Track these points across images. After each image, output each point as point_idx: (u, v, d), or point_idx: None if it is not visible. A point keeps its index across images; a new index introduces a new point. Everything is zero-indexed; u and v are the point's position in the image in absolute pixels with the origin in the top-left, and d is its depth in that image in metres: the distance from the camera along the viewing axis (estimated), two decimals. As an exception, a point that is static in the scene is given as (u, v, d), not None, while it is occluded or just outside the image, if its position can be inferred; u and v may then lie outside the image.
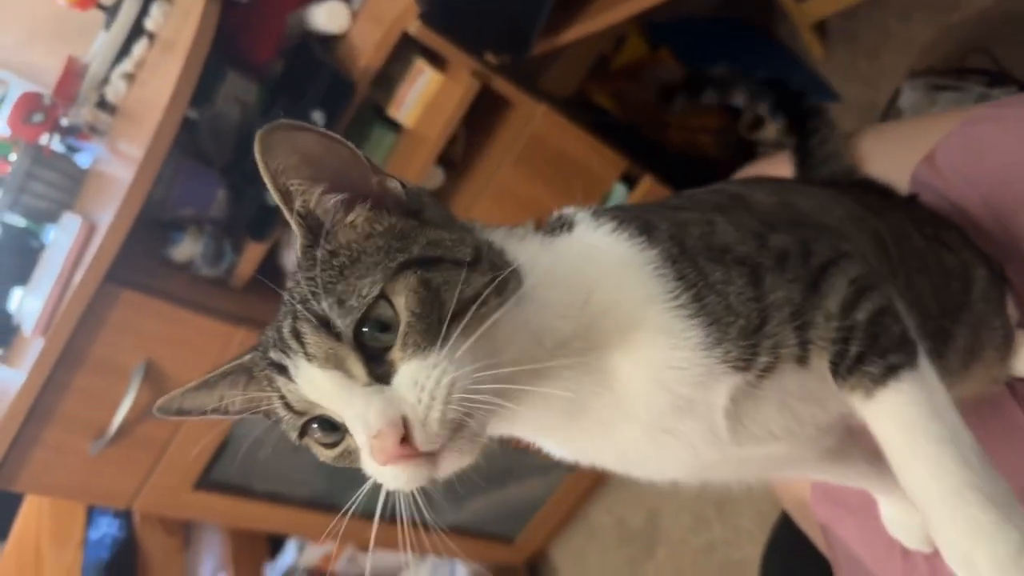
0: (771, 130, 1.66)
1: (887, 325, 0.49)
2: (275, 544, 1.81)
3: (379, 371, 0.45)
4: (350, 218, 0.49)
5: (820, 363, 0.50)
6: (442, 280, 0.46)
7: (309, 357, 0.46)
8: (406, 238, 0.48)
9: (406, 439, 0.43)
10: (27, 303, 1.33)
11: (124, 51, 1.41)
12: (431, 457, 0.45)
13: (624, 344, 0.49)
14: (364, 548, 1.75)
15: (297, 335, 0.46)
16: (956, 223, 0.75)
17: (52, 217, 1.37)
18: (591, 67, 1.67)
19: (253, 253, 1.34)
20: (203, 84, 1.21)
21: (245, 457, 1.44)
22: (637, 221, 0.52)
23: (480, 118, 1.35)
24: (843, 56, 1.83)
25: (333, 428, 0.48)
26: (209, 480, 1.44)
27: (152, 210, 1.24)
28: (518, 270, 0.49)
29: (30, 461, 1.25)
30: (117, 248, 1.15)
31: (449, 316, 0.45)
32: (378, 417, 0.43)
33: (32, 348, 1.21)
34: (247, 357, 0.53)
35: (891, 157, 0.87)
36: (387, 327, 0.45)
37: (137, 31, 1.39)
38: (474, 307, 0.45)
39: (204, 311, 1.28)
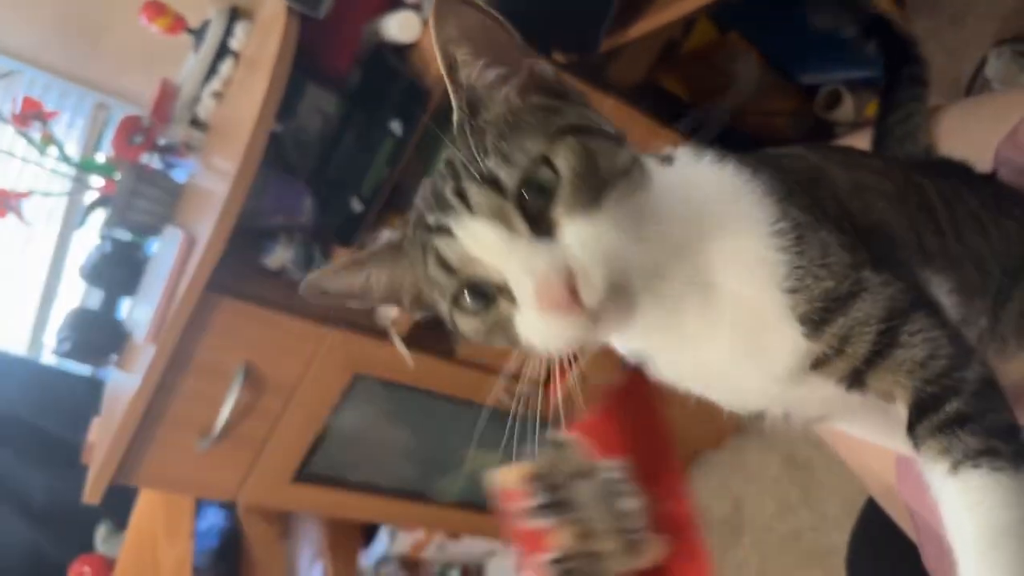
0: (848, 108, 1.62)
1: (997, 400, 0.45)
2: (369, 533, 1.89)
3: (541, 228, 0.47)
4: (505, 91, 0.51)
5: (879, 387, 0.49)
6: (597, 147, 0.48)
7: (474, 212, 0.47)
8: (558, 112, 0.51)
9: (571, 290, 0.45)
10: (136, 312, 1.43)
11: (212, 71, 1.49)
12: (592, 315, 0.46)
13: (723, 263, 0.51)
14: (453, 536, 1.81)
15: (461, 194, 0.48)
16: None
17: (154, 231, 1.47)
18: (660, 53, 1.66)
19: (341, 258, 1.40)
20: (285, 98, 1.27)
21: (340, 450, 1.51)
22: (738, 159, 0.55)
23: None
24: (924, 24, 1.76)
25: (484, 297, 0.50)
26: (306, 473, 1.51)
27: (245, 220, 1.31)
28: (645, 167, 0.51)
29: (145, 458, 1.35)
30: (217, 258, 1.22)
31: (606, 182, 0.47)
32: (546, 264, 0.45)
33: (144, 354, 1.30)
34: (395, 236, 0.56)
35: (974, 134, 0.85)
36: (544, 189, 0.47)
37: (223, 51, 1.47)
38: (626, 178, 0.48)
39: (297, 314, 1.35)
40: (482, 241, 0.47)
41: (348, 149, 1.30)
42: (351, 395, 1.45)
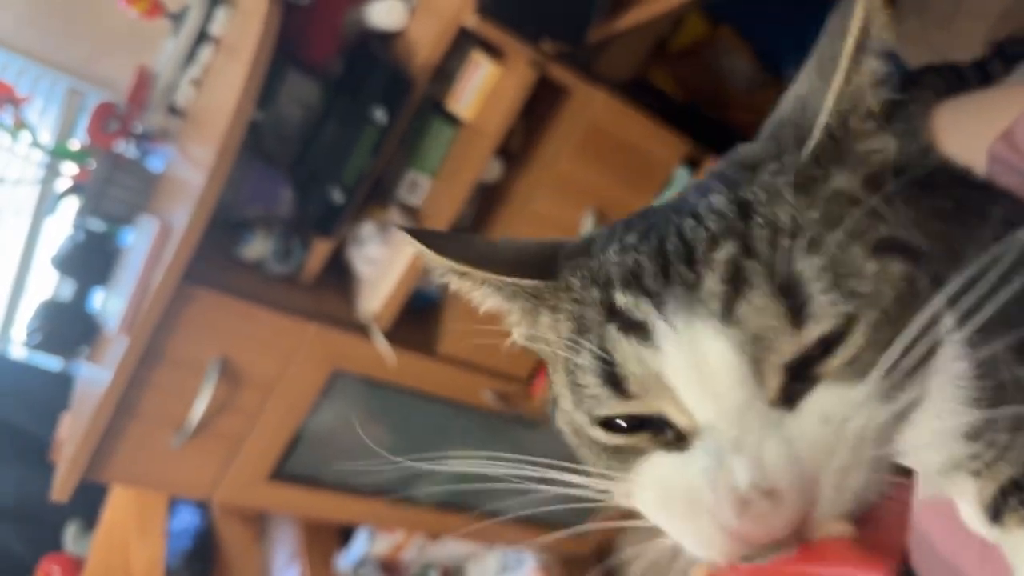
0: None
1: None
2: (346, 534, 1.85)
3: (791, 387, 0.30)
4: (878, 155, 0.34)
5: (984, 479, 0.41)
6: (924, 288, 0.31)
7: (732, 321, 0.30)
8: (890, 222, 0.33)
9: (797, 523, 0.29)
10: (109, 303, 1.38)
11: (191, 57, 1.45)
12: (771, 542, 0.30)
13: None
14: (433, 537, 1.78)
15: (737, 281, 0.30)
16: None
17: (129, 220, 1.43)
18: (650, 48, 1.64)
19: (321, 249, 1.37)
20: (265, 85, 1.23)
21: (319, 448, 1.48)
22: None
23: (538, 108, 1.34)
24: (913, 24, 1.76)
25: (640, 423, 0.34)
26: (283, 471, 1.48)
27: (222, 211, 1.27)
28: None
29: (116, 454, 1.31)
30: (193, 249, 1.18)
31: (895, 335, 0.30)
32: (785, 465, 0.29)
33: (116, 346, 1.26)
34: (529, 284, 0.38)
35: (968, 133, 0.84)
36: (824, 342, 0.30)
37: (203, 37, 1.43)
38: (923, 326, 0.30)
39: (276, 307, 1.31)
40: (703, 372, 0.30)
41: (329, 138, 1.27)
42: (330, 392, 1.42)
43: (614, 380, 0.33)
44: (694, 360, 0.30)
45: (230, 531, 1.81)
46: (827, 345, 0.30)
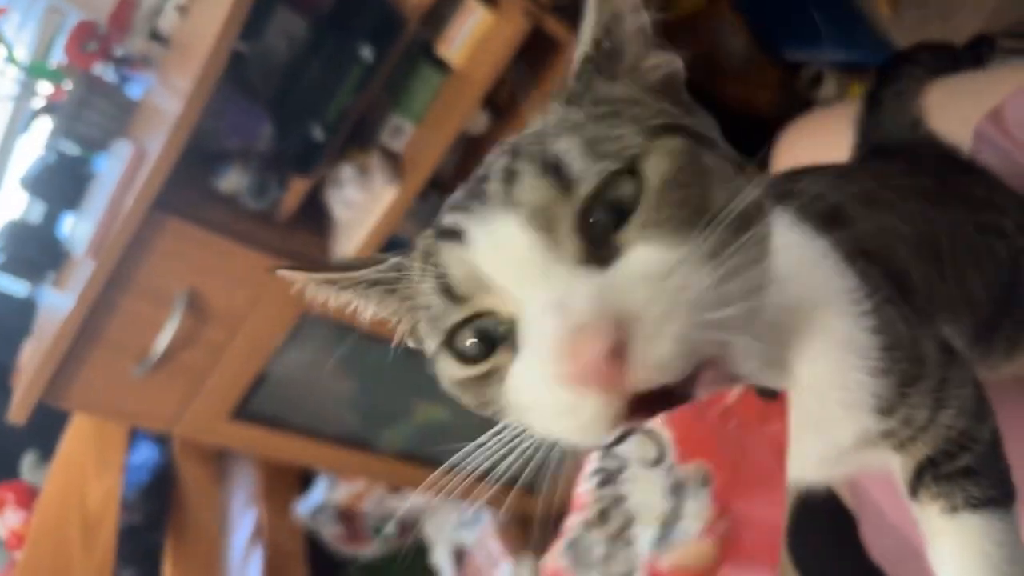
0: (830, 89, 1.60)
1: (1001, 454, 0.46)
2: (306, 481, 1.85)
3: (598, 252, 0.33)
4: (645, 62, 0.40)
5: (904, 454, 0.46)
6: (713, 164, 0.36)
7: (513, 205, 0.34)
8: (673, 114, 0.39)
9: (617, 354, 0.30)
10: (78, 229, 1.36)
11: (178, -18, 1.41)
12: (632, 399, 0.32)
13: (808, 341, 0.42)
14: (393, 489, 1.79)
15: (510, 176, 0.35)
16: (1019, 197, 0.71)
17: (102, 145, 1.39)
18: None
19: (298, 188, 1.35)
20: (253, 18, 1.20)
21: (283, 390, 1.47)
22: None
23: (530, 61, 1.32)
24: (912, 16, 1.75)
25: (489, 343, 0.37)
26: (246, 411, 1.47)
27: (200, 141, 1.25)
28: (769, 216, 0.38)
29: (77, 379, 1.29)
30: (166, 175, 1.16)
31: (706, 212, 0.34)
32: (589, 303, 0.31)
33: (81, 270, 1.24)
34: (393, 260, 0.42)
35: (957, 111, 0.84)
36: (619, 210, 0.34)
37: (191, -38, 1.39)
38: (734, 212, 0.34)
39: (248, 243, 1.30)
40: (505, 252, 0.34)
41: (314, 73, 1.25)
42: (298, 333, 1.40)
43: (447, 289, 0.37)
44: (495, 245, 0.34)
45: (189, 469, 1.80)
46: (619, 210, 0.34)
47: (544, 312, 0.32)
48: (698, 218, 0.33)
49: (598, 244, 0.34)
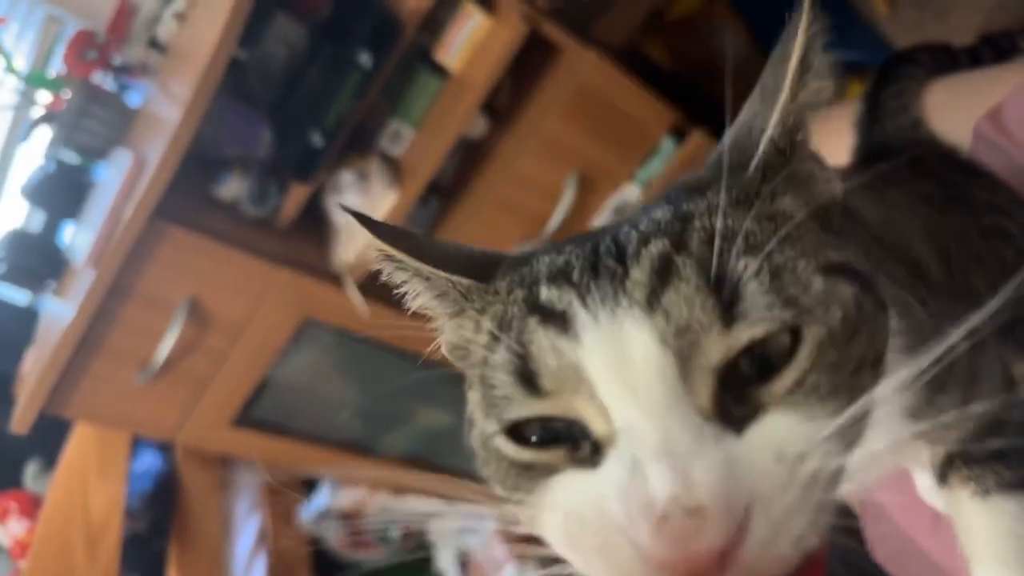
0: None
1: None
2: (309, 487, 1.85)
3: (731, 408, 0.28)
4: (821, 176, 0.34)
5: (935, 445, 0.45)
6: (871, 312, 0.30)
7: (655, 311, 0.28)
8: (837, 247, 0.33)
9: (729, 552, 0.25)
10: (79, 238, 1.36)
11: (176, -10, 1.41)
12: None
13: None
14: (397, 493, 1.78)
15: (664, 272, 0.29)
16: (1020, 198, 0.71)
17: (102, 153, 1.40)
18: (644, 19, 1.62)
19: (297, 194, 1.35)
20: (251, 25, 1.20)
21: (285, 396, 1.47)
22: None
23: (528, 66, 1.32)
24: (910, 14, 1.75)
25: (552, 436, 0.31)
26: (248, 417, 1.47)
27: (199, 149, 1.25)
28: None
29: (79, 388, 1.29)
30: (166, 183, 1.16)
31: (854, 372, 0.29)
32: (715, 481, 0.25)
33: (82, 279, 1.24)
34: (467, 283, 0.36)
35: (957, 112, 0.83)
36: (765, 361, 0.28)
37: (189, -30, 1.39)
38: (873, 371, 0.29)
39: (248, 250, 1.29)
40: (626, 365, 0.28)
41: (313, 80, 1.25)
42: (299, 340, 1.40)
43: (527, 375, 0.30)
44: (615, 351, 0.28)
45: (192, 476, 1.80)
46: (768, 368, 0.28)
47: (657, 464, 0.26)
48: (847, 385, 0.29)
49: (735, 398, 0.28)
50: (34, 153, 1.51)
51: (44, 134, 1.45)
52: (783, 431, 0.27)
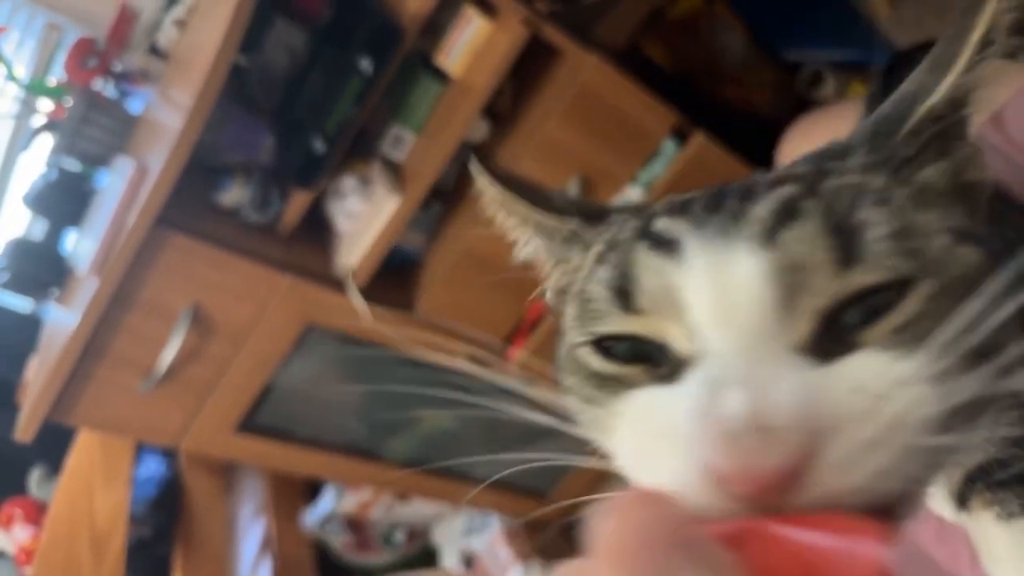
0: (829, 88, 1.60)
1: None
2: (314, 491, 1.85)
3: (827, 345, 0.27)
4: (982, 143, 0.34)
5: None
6: (977, 262, 0.29)
7: (772, 245, 0.28)
8: (975, 221, 0.32)
9: (795, 473, 0.25)
10: (81, 246, 1.36)
11: (175, -3, 1.42)
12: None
13: None
14: (401, 497, 1.79)
15: (788, 212, 0.29)
16: (1019, 204, 0.71)
17: (104, 161, 1.40)
18: (645, 20, 1.62)
19: (300, 200, 1.35)
20: (252, 31, 1.20)
21: (289, 401, 1.47)
22: None
23: (528, 69, 1.32)
24: (909, 13, 1.75)
25: (639, 353, 0.31)
26: (252, 423, 1.47)
27: (201, 155, 1.25)
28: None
29: (83, 396, 1.29)
30: (168, 191, 1.16)
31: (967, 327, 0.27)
32: (792, 404, 0.25)
33: (85, 287, 1.24)
34: (584, 225, 0.37)
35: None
36: (872, 309, 0.28)
37: (188, -24, 1.39)
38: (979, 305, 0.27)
39: (250, 257, 1.30)
40: (728, 292, 0.28)
41: (314, 86, 1.25)
42: (303, 345, 1.41)
43: (624, 292, 0.31)
44: (718, 278, 0.28)
45: (196, 482, 1.80)
46: (873, 313, 0.28)
47: (736, 384, 0.26)
48: (947, 329, 0.27)
49: (833, 338, 0.27)
50: (36, 161, 1.51)
51: (45, 142, 1.45)
52: (874, 368, 0.27)
